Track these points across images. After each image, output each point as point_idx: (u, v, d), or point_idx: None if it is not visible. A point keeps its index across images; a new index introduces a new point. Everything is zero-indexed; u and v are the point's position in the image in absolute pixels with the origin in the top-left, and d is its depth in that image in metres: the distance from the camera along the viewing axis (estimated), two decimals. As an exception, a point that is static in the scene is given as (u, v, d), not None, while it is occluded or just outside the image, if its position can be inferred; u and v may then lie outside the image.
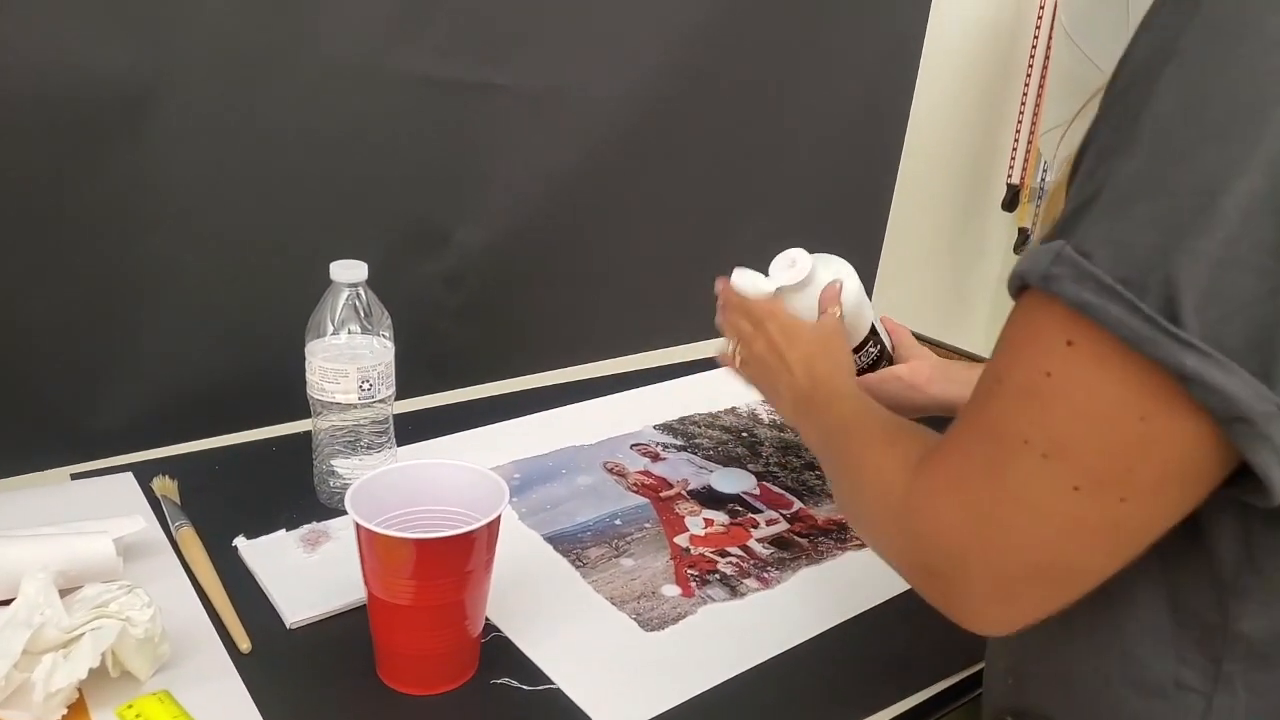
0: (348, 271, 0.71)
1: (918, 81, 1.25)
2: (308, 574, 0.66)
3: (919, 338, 1.11)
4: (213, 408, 0.84)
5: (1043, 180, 1.81)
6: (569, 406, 0.96)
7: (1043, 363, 0.36)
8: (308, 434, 0.76)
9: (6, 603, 0.55)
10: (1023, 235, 1.85)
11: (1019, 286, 0.38)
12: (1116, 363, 0.34)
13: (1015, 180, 1.83)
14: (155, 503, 0.73)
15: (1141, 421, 0.35)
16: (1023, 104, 1.77)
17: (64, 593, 0.55)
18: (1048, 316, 0.36)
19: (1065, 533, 0.38)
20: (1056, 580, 0.39)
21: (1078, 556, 0.38)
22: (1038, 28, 1.72)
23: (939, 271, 1.86)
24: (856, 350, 0.75)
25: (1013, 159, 1.82)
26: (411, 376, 0.77)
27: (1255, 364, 0.32)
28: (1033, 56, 1.73)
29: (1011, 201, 1.84)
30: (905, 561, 0.46)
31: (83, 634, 0.52)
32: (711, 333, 1.18)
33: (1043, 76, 1.70)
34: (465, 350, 0.98)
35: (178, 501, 0.73)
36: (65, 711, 0.52)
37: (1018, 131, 1.79)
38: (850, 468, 0.53)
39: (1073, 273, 0.35)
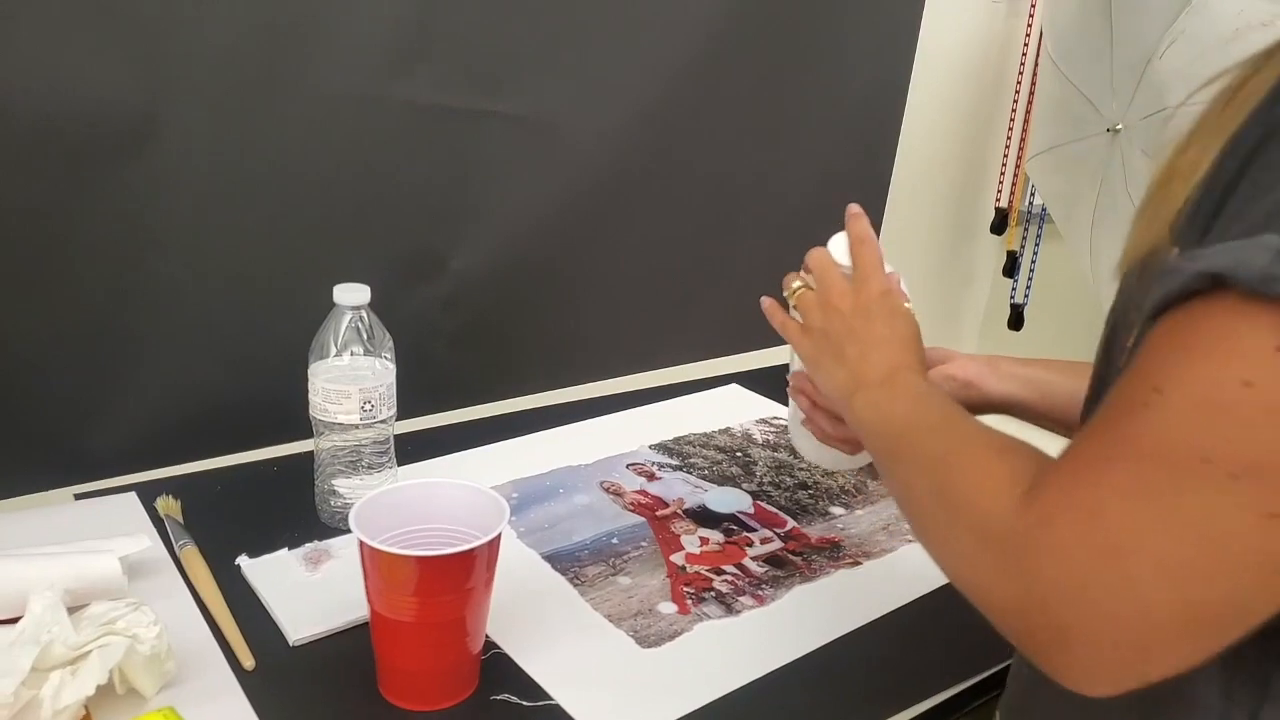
0: (351, 294, 0.73)
1: (906, 107, 1.28)
2: (310, 592, 0.67)
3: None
4: (215, 428, 0.85)
5: (1030, 204, 1.84)
6: (565, 427, 0.98)
7: (1240, 371, 0.32)
8: (309, 454, 0.77)
9: (14, 621, 0.56)
10: (1011, 258, 1.88)
11: (1204, 287, 0.33)
12: None
13: (1003, 204, 1.86)
14: (159, 522, 0.74)
15: None
16: (1010, 129, 1.81)
17: (70, 610, 0.56)
18: (1251, 320, 0.32)
19: (1245, 567, 0.33)
20: (1215, 625, 0.34)
21: (1251, 595, 0.33)
22: (1024, 55, 1.75)
23: (929, 294, 1.88)
24: None
25: (1000, 183, 1.85)
26: (408, 398, 0.79)
27: None
28: (1019, 83, 1.77)
29: (1000, 225, 1.87)
30: (1003, 600, 0.38)
31: (90, 651, 0.53)
32: (706, 354, 1.20)
33: (1029, 102, 1.74)
34: (461, 372, 1.00)
35: (181, 521, 0.74)
36: (72, 728, 0.52)
37: (1005, 156, 1.82)
38: (937, 475, 0.45)
39: None
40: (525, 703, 0.58)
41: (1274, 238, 0.32)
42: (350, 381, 0.72)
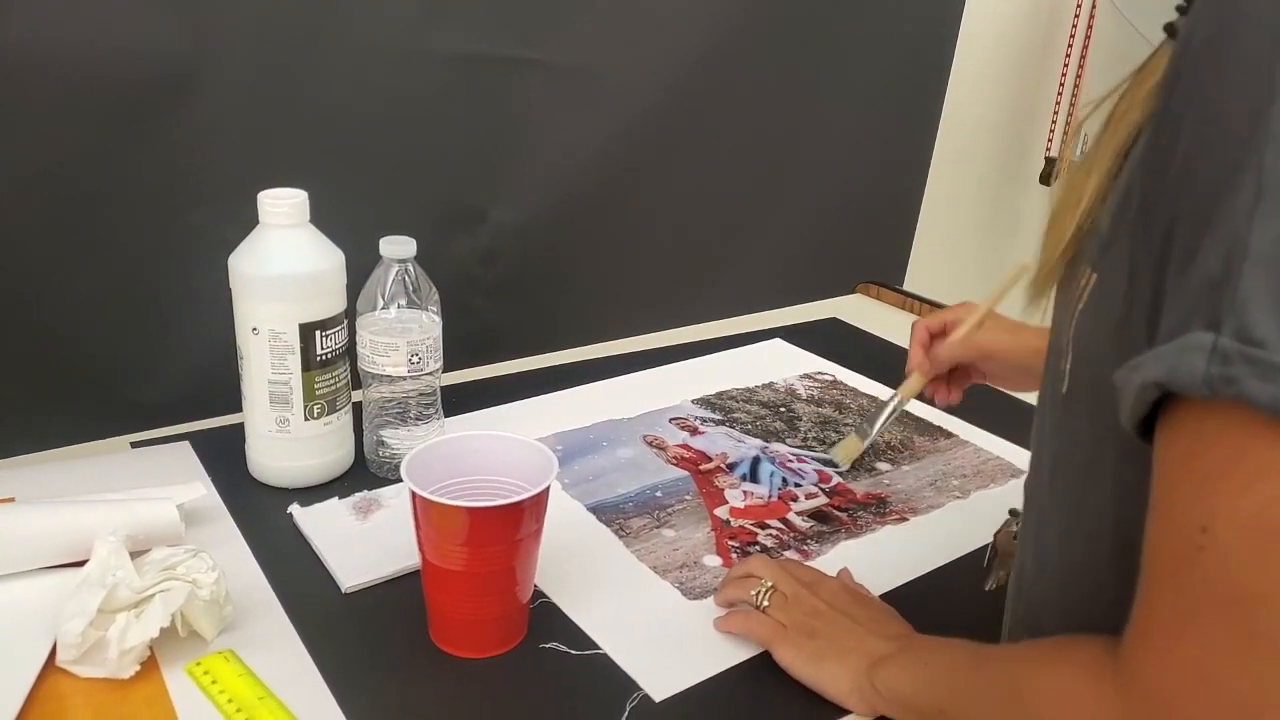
0: (397, 248, 0.72)
1: (956, 51, 1.23)
2: (361, 540, 0.68)
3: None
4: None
5: (1082, 154, 1.78)
6: (607, 381, 0.97)
7: (1271, 488, 0.31)
8: (357, 405, 0.78)
9: (79, 564, 0.58)
10: (1061, 209, 1.83)
11: (1155, 397, 0.33)
12: None
13: (1054, 153, 1.80)
14: (212, 470, 0.76)
15: None
16: (1064, 75, 1.74)
17: (131, 556, 0.58)
18: (1244, 430, 0.31)
19: None
20: None
21: None
22: (1081, -3, 1.68)
23: (975, 244, 1.84)
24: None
25: (1051, 131, 1.79)
26: (447, 351, 0.79)
27: None
28: (1074, 27, 1.70)
29: (1049, 175, 1.82)
30: None
31: (153, 595, 0.55)
32: (748, 308, 1.19)
33: (1085, 46, 1.68)
34: (500, 326, 0.99)
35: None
36: (138, 668, 0.54)
37: (1058, 103, 1.76)
38: (1010, 710, 0.43)
39: (1253, 370, 0.29)
40: (573, 651, 0.59)
41: (1204, 335, 0.31)
42: (398, 334, 0.73)
